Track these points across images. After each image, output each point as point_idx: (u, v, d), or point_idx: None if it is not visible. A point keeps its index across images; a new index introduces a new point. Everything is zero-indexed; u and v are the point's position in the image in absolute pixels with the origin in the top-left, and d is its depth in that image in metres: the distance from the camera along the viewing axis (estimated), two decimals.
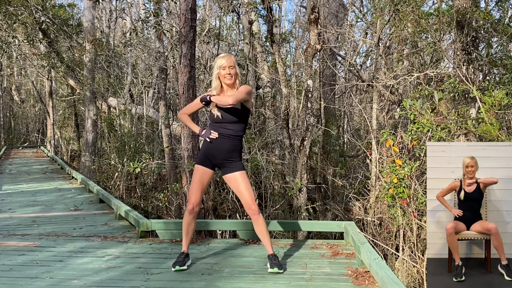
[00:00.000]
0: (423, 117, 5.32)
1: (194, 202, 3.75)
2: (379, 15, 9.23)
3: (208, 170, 3.75)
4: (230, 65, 3.65)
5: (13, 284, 3.55)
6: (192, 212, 3.78)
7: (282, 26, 19.21)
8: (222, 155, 3.69)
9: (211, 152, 3.72)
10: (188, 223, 3.82)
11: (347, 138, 14.33)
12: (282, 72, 10.17)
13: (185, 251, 3.88)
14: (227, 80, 3.66)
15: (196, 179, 3.76)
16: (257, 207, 3.71)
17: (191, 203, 3.77)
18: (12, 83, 29.10)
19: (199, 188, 3.75)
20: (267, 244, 3.77)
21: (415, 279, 5.54)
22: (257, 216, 3.69)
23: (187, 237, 3.86)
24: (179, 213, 10.15)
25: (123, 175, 12.79)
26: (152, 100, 16.41)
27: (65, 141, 24.72)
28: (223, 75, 3.66)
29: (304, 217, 7.79)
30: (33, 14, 14.88)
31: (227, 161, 3.70)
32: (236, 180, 3.70)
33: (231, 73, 3.65)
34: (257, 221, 3.71)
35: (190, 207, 3.77)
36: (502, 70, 7.98)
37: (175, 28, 12.61)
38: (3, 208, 7.51)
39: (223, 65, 3.65)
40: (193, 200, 3.75)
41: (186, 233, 3.85)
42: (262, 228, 3.73)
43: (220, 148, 3.69)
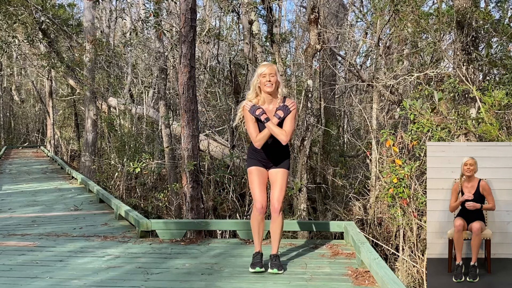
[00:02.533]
0: (423, 117, 5.32)
1: (262, 200, 3.71)
2: (379, 15, 9.23)
3: (261, 168, 3.77)
4: (271, 73, 3.62)
5: (13, 284, 3.55)
6: (262, 211, 3.73)
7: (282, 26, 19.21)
8: (271, 160, 3.75)
9: (259, 159, 3.75)
10: (258, 222, 3.77)
11: (347, 138, 14.32)
12: (282, 72, 10.16)
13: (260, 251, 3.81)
14: (267, 88, 3.63)
15: (255, 180, 3.74)
16: (280, 206, 3.69)
17: (259, 202, 3.71)
18: (12, 83, 29.10)
19: (261, 187, 3.75)
20: (275, 243, 3.76)
21: (415, 279, 5.54)
22: (277, 215, 3.69)
23: (259, 236, 3.81)
24: (179, 213, 10.15)
25: (123, 175, 12.79)
26: (152, 100, 16.41)
27: (65, 141, 24.71)
28: (263, 83, 3.63)
29: (304, 217, 7.78)
30: (33, 14, 14.87)
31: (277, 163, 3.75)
32: (277, 175, 3.73)
33: (271, 80, 3.61)
34: (275, 219, 3.71)
35: (259, 205, 3.71)
36: (502, 70, 7.98)
37: (175, 28, 12.60)
38: (3, 208, 7.51)
39: (263, 72, 3.63)
40: (260, 199, 3.71)
41: (258, 232, 3.79)
42: (278, 227, 3.72)
43: (268, 156, 3.73)
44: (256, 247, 3.81)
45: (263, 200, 3.71)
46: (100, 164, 14.43)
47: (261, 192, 3.73)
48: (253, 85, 3.71)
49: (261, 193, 3.72)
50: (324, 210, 9.84)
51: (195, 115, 6.44)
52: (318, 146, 11.26)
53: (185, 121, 6.32)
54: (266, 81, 3.61)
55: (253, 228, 3.81)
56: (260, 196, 3.71)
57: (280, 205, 3.67)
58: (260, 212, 3.73)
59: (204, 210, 6.55)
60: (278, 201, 3.67)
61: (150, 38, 15.42)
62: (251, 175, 3.77)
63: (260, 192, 3.72)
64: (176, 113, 14.85)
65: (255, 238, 3.83)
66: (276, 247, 3.76)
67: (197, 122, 6.47)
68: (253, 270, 3.70)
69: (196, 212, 6.31)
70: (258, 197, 3.71)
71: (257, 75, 3.66)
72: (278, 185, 3.70)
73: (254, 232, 3.81)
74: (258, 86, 3.68)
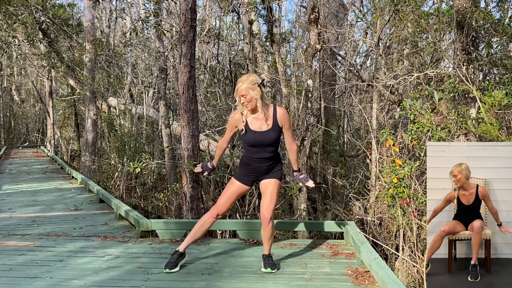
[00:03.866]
0: (423, 117, 5.32)
1: (221, 210, 3.75)
2: (379, 15, 9.23)
3: (244, 187, 3.78)
4: (242, 94, 3.50)
5: (13, 284, 3.55)
6: (215, 217, 3.77)
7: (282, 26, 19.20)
8: (263, 173, 3.72)
9: (252, 173, 3.73)
10: (202, 223, 3.79)
11: (347, 138, 14.33)
12: (282, 72, 10.17)
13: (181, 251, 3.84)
14: (246, 108, 3.57)
15: (230, 190, 3.76)
16: (270, 216, 3.67)
17: (217, 210, 3.75)
18: (12, 83, 29.11)
19: (230, 199, 3.76)
20: (267, 246, 3.80)
21: (415, 279, 5.54)
22: (266, 223, 3.68)
23: (192, 238, 3.81)
24: (179, 213, 10.16)
25: (123, 175, 12.80)
26: (152, 100, 16.42)
27: (65, 141, 24.72)
28: (241, 103, 3.56)
29: (304, 217, 7.79)
30: (33, 14, 14.88)
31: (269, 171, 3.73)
32: (268, 185, 3.71)
33: (244, 102, 3.52)
34: (265, 228, 3.71)
35: (214, 212, 3.75)
36: (502, 70, 7.99)
37: (175, 28, 12.61)
38: (3, 208, 7.50)
39: (236, 93, 3.56)
40: (220, 208, 3.74)
41: (194, 234, 3.80)
42: (268, 234, 3.74)
43: (261, 170, 3.71)
44: (181, 246, 3.84)
45: (223, 209, 3.75)
46: (100, 164, 14.43)
47: (226, 203, 3.75)
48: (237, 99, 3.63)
49: (226, 203, 3.75)
50: (324, 210, 9.84)
51: (195, 115, 6.44)
52: (318, 146, 11.26)
53: (185, 121, 6.33)
54: (242, 102, 3.55)
55: (194, 228, 3.82)
56: (223, 205, 3.75)
57: (270, 214, 3.66)
58: (212, 217, 3.77)
59: (204, 210, 6.55)
60: (268, 210, 3.65)
61: (150, 38, 15.43)
62: (231, 185, 3.78)
63: (225, 202, 3.75)
64: (176, 113, 14.86)
65: (188, 238, 3.82)
66: (268, 248, 3.79)
67: (197, 122, 6.47)
68: (164, 270, 3.72)
69: (196, 212, 6.31)
70: (221, 205, 3.75)
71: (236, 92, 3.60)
72: (268, 195, 3.68)
73: (192, 232, 3.81)
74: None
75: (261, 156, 3.65)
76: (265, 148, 3.63)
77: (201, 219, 3.88)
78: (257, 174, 3.73)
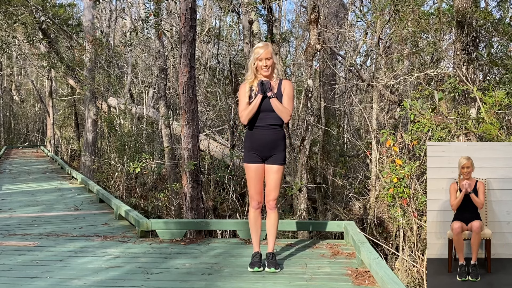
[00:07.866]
0: (423, 117, 5.31)
1: (258, 198, 3.72)
2: (379, 15, 9.23)
3: (258, 165, 3.70)
4: (267, 57, 3.57)
5: (13, 284, 3.55)
6: (258, 207, 3.74)
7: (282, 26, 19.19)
8: (267, 147, 3.66)
9: (255, 146, 3.68)
10: (255, 219, 3.76)
11: (347, 138, 14.32)
12: (282, 72, 10.17)
13: (259, 251, 3.79)
14: (264, 73, 3.61)
15: (250, 176, 3.72)
16: (275, 203, 3.69)
17: (255, 200, 3.72)
18: (12, 83, 29.10)
19: (258, 184, 3.71)
20: (271, 241, 3.77)
21: (415, 279, 5.55)
22: (271, 210, 3.70)
23: (257, 234, 3.78)
24: (179, 212, 10.16)
25: (123, 175, 12.79)
26: (152, 100, 16.41)
27: (65, 141, 24.72)
28: (259, 67, 3.60)
29: (304, 217, 7.78)
30: (33, 14, 14.87)
31: (273, 153, 3.68)
32: (271, 171, 3.69)
33: (267, 64, 3.58)
34: (270, 215, 3.73)
35: (254, 203, 3.73)
36: (503, 70, 7.99)
37: (175, 28, 12.60)
38: (3, 208, 7.50)
39: (259, 56, 3.58)
40: (256, 197, 3.71)
41: (256, 230, 3.77)
42: (273, 223, 3.74)
43: (264, 141, 3.65)
44: (255, 247, 3.81)
45: (259, 197, 3.72)
46: (100, 164, 14.43)
47: (257, 189, 3.72)
48: (250, 67, 3.67)
49: (256, 190, 3.72)
50: (324, 210, 9.84)
51: (195, 115, 6.44)
52: (318, 146, 11.25)
53: (185, 121, 6.32)
54: (262, 65, 3.59)
55: (251, 226, 3.80)
56: (256, 193, 3.72)
57: (275, 201, 3.69)
58: (256, 208, 3.74)
59: (204, 210, 6.55)
60: (273, 197, 3.68)
61: (150, 38, 15.42)
62: (248, 171, 3.74)
63: (256, 190, 3.72)
64: (176, 113, 14.86)
65: (253, 238, 3.81)
66: (272, 245, 3.77)
67: (197, 122, 6.47)
68: (252, 270, 3.71)
69: (196, 212, 6.31)
70: (254, 194, 3.73)
71: (254, 58, 3.63)
72: (273, 182, 3.68)
73: (252, 231, 3.80)
74: (255, 67, 3.65)
75: (265, 123, 3.63)
76: (269, 114, 3.61)
77: (249, 218, 3.82)
78: (262, 147, 3.65)
